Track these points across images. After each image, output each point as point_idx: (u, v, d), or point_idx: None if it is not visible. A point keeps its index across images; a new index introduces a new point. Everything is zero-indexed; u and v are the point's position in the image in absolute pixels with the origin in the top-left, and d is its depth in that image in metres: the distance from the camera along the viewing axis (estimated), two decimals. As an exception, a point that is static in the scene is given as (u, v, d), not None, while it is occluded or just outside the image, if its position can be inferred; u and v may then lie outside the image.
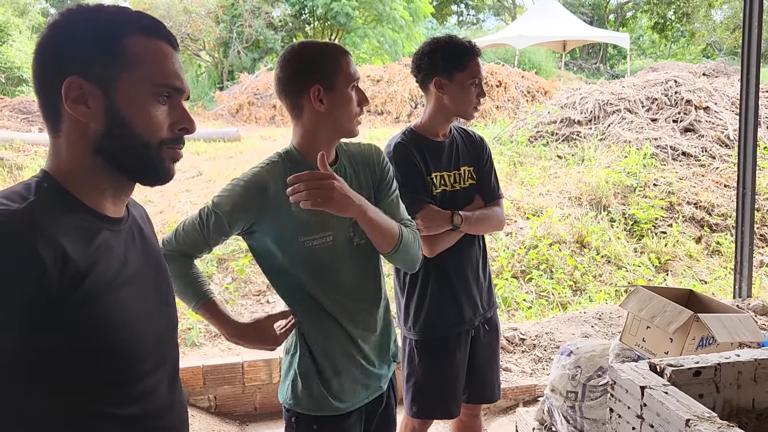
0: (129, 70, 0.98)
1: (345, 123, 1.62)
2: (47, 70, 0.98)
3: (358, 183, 1.68)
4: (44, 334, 0.89)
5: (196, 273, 1.68)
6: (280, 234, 1.58)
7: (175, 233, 1.66)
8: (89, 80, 0.96)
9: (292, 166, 1.58)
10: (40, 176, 1.00)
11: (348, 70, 1.60)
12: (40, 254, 0.88)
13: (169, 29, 1.06)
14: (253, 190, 1.55)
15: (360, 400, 1.71)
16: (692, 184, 6.64)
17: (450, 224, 2.05)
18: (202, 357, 3.38)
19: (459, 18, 36.19)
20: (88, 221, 0.99)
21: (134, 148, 1.00)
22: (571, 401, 2.46)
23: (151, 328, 1.07)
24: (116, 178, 1.03)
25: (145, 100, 1.00)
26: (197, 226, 1.62)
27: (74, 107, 0.96)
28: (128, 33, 0.99)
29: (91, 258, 0.96)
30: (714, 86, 8.64)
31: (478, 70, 2.08)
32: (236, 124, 12.41)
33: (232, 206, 1.57)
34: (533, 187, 6.72)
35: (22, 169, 7.44)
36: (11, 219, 0.89)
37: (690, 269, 5.42)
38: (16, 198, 0.93)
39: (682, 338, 2.10)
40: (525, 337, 3.80)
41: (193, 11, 17.25)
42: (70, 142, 0.99)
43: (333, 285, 1.63)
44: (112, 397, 1.01)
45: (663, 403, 1.47)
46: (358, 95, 1.63)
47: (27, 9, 20.17)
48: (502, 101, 12.93)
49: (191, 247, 1.65)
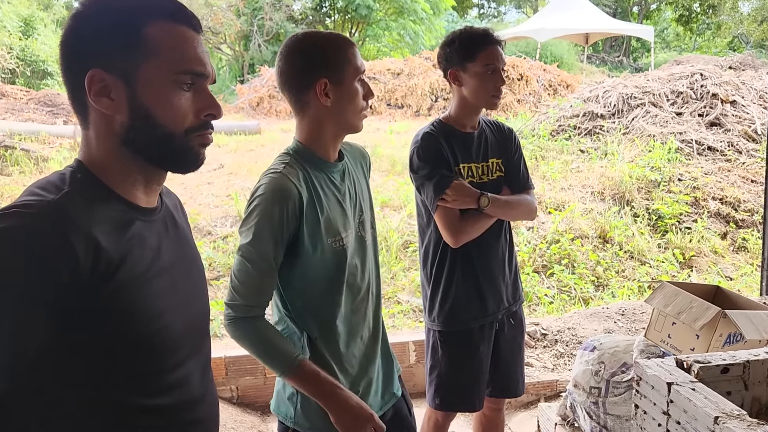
0: (149, 59, 0.96)
1: (351, 118, 1.54)
2: (71, 63, 0.97)
3: (358, 180, 1.65)
4: (77, 326, 0.90)
5: (277, 331, 1.52)
6: (312, 236, 1.48)
7: (236, 292, 1.47)
8: (111, 72, 0.95)
9: (305, 163, 1.51)
10: (74, 166, 1.00)
11: (355, 61, 1.51)
12: (74, 246, 0.88)
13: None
14: (279, 200, 1.43)
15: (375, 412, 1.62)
16: (718, 179, 6.53)
17: (476, 203, 2.03)
18: (225, 348, 3.41)
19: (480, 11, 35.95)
20: (121, 212, 0.99)
21: (159, 139, 0.99)
22: (594, 397, 2.44)
23: (183, 319, 1.06)
24: (146, 168, 1.02)
25: (168, 89, 0.97)
26: (253, 270, 1.44)
27: (98, 100, 0.95)
28: (148, 20, 0.96)
29: (124, 249, 0.96)
30: (741, 79, 8.48)
31: (492, 58, 2.04)
32: (257, 117, 12.48)
33: (273, 226, 1.43)
34: (555, 181, 6.66)
35: (48, 161, 7.56)
36: (46, 211, 0.89)
37: (715, 265, 5.34)
38: (51, 189, 0.93)
39: (708, 335, 2.08)
40: (546, 332, 3.77)
41: (214, 4, 17.34)
42: (99, 134, 0.99)
43: (351, 284, 1.57)
44: (144, 387, 1.01)
45: (690, 399, 1.45)
46: (364, 88, 1.54)
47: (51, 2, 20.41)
48: (523, 95, 12.84)
49: (264, 292, 1.48)
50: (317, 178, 1.51)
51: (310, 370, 1.46)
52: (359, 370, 1.60)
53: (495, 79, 2.05)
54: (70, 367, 0.92)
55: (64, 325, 0.88)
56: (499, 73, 2.06)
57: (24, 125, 9.12)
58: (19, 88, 12.58)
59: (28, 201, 0.90)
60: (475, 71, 2.03)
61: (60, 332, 0.88)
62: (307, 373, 1.46)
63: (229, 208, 5.98)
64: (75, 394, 0.94)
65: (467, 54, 2.04)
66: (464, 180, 2.08)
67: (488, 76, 2.04)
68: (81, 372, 0.93)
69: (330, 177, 1.55)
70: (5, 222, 0.86)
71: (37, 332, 0.87)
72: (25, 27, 15.53)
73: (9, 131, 8.39)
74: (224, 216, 5.81)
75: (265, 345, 1.47)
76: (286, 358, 1.46)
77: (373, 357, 1.65)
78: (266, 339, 1.47)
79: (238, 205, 5.83)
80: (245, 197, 5.97)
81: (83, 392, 0.94)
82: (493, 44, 2.05)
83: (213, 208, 6.02)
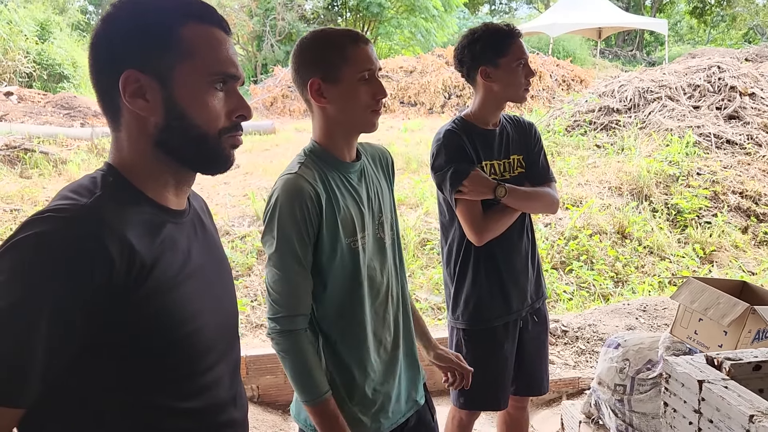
0: (185, 59, 0.96)
1: (355, 117, 1.48)
2: (103, 65, 0.97)
3: (378, 182, 1.63)
4: (111, 329, 0.90)
5: (317, 357, 1.49)
6: (331, 236, 1.46)
7: (276, 304, 1.45)
8: (146, 73, 0.95)
9: (321, 163, 1.50)
10: (105, 169, 1.00)
11: (356, 59, 1.44)
12: (109, 250, 0.88)
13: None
14: (297, 199, 1.42)
15: (396, 419, 1.61)
16: (737, 173, 6.45)
17: (492, 193, 2.02)
18: (245, 347, 3.42)
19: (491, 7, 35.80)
20: (153, 214, 0.99)
21: (194, 140, 0.99)
22: (619, 394, 2.42)
23: (213, 322, 1.06)
24: (178, 169, 1.02)
25: (203, 89, 0.97)
26: (287, 276, 1.43)
27: (133, 101, 0.95)
28: (182, 21, 0.97)
29: (157, 252, 0.96)
30: (759, 71, 8.36)
31: (521, 51, 2.04)
32: (271, 117, 12.52)
33: (296, 225, 1.41)
34: (572, 177, 6.61)
35: (66, 164, 7.62)
36: (80, 214, 0.89)
37: (736, 260, 5.28)
38: (83, 192, 0.93)
39: (737, 331, 2.05)
40: (567, 328, 3.75)
41: (227, 5, 17.41)
42: (131, 136, 0.99)
43: (370, 287, 1.54)
44: (175, 390, 1.01)
45: (723, 398, 1.43)
46: (373, 87, 1.46)
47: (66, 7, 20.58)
48: (537, 90, 12.78)
49: (303, 298, 1.46)
50: (333, 178, 1.50)
51: (333, 410, 1.45)
52: (380, 375, 1.57)
53: (526, 72, 2.05)
54: (102, 369, 0.92)
55: (98, 329, 0.89)
56: (529, 66, 2.07)
57: (42, 128, 9.22)
58: (37, 91, 12.69)
59: (62, 205, 0.90)
60: (508, 65, 2.03)
61: (94, 335, 0.89)
62: (329, 412, 1.45)
63: (246, 208, 6.00)
64: (106, 397, 0.94)
65: (498, 49, 2.03)
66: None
67: (520, 70, 2.04)
68: (113, 375, 0.93)
69: (346, 177, 1.53)
70: (40, 227, 0.86)
71: (72, 336, 0.87)
72: (41, 31, 15.68)
73: (28, 134, 8.49)
74: (241, 216, 5.83)
75: (303, 367, 1.45)
76: (317, 388, 1.44)
77: (394, 362, 1.61)
78: (307, 361, 1.45)
79: (255, 205, 5.85)
80: (261, 197, 5.99)
81: (114, 395, 0.94)
82: (519, 37, 2.05)
83: (230, 208, 6.04)
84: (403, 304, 1.65)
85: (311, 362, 1.45)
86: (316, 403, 1.45)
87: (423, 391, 1.73)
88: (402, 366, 1.64)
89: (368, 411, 1.55)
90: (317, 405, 1.45)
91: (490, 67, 2.04)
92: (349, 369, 1.52)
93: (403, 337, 1.64)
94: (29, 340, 0.84)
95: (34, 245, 0.85)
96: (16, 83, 13.58)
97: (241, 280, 4.67)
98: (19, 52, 14.30)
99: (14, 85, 13.18)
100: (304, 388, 1.45)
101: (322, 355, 1.52)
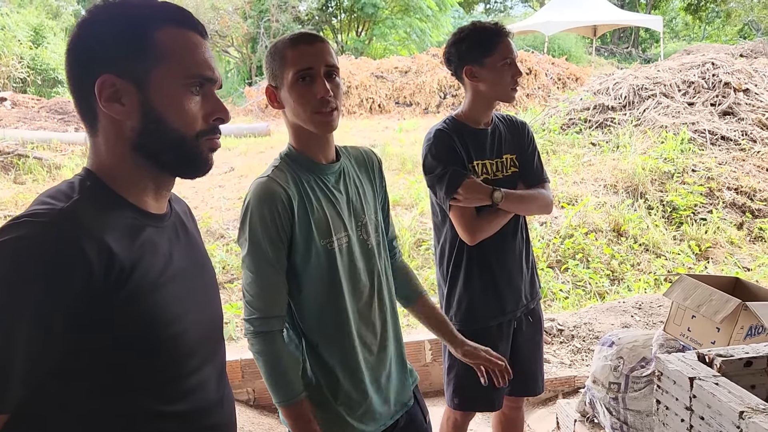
0: (160, 63, 0.96)
1: (304, 122, 1.47)
2: (80, 70, 0.97)
3: (360, 183, 1.62)
4: (93, 333, 0.90)
5: (292, 358, 1.51)
6: (304, 238, 1.46)
7: (251, 306, 1.46)
8: (122, 77, 0.95)
9: (295, 165, 1.51)
10: (83, 174, 1.00)
11: (294, 62, 1.43)
12: (87, 253, 0.88)
13: None
14: (267, 202, 1.43)
15: (384, 422, 1.61)
16: (732, 169, 6.46)
17: (489, 199, 2.02)
18: (240, 350, 3.41)
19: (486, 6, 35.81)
20: (132, 218, 0.99)
21: (171, 143, 0.99)
22: (613, 392, 2.42)
23: (198, 324, 1.06)
24: (156, 173, 1.02)
25: (179, 93, 0.98)
26: (260, 278, 1.45)
27: (109, 106, 0.96)
28: (158, 25, 0.97)
29: (136, 255, 0.95)
30: (754, 67, 8.37)
31: (508, 50, 2.03)
32: (266, 119, 12.49)
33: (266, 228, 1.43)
34: (567, 175, 6.61)
35: (60, 168, 7.61)
36: (57, 219, 0.89)
37: (732, 256, 5.28)
38: (60, 197, 0.93)
39: (729, 327, 2.05)
40: (563, 327, 3.75)
41: (220, 8, 17.38)
42: (108, 141, 0.99)
43: (352, 289, 1.53)
44: (161, 394, 1.01)
45: (714, 394, 1.43)
46: (315, 88, 1.43)
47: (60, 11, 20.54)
48: (532, 89, 12.77)
49: (277, 299, 1.47)
50: (307, 180, 1.50)
51: (305, 413, 1.46)
52: (366, 377, 1.56)
53: (513, 71, 2.04)
54: (85, 373, 0.92)
55: (79, 333, 0.88)
56: (516, 65, 2.05)
57: (36, 133, 9.18)
58: (31, 96, 12.68)
59: (38, 210, 0.90)
60: (494, 64, 2.02)
61: (76, 339, 0.88)
62: (302, 414, 1.46)
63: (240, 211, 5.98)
64: (92, 401, 0.93)
65: (484, 49, 2.02)
66: (477, 177, 2.06)
67: (506, 69, 2.03)
68: (96, 378, 0.93)
69: (322, 179, 1.53)
70: (17, 231, 0.86)
71: (53, 340, 0.87)
72: (35, 36, 15.66)
73: (22, 140, 8.46)
74: (236, 219, 5.81)
75: (277, 368, 1.46)
76: (290, 389, 1.46)
77: (381, 364, 1.60)
78: (280, 362, 1.46)
79: (249, 208, 5.83)
80: (257, 199, 5.96)
81: (98, 399, 0.94)
82: (506, 36, 2.04)
83: (225, 211, 6.03)
84: (391, 307, 1.64)
85: (285, 363, 1.46)
86: (288, 405, 1.46)
87: (411, 395, 1.71)
88: (391, 367, 1.63)
89: (354, 412, 1.54)
90: (290, 406, 1.46)
91: (476, 66, 2.04)
92: (333, 370, 1.52)
93: (391, 339, 1.63)
94: (9, 345, 0.84)
95: (12, 251, 0.85)
96: (10, 89, 13.57)
97: (236, 283, 4.66)
98: (13, 57, 14.28)
99: (8, 90, 13.16)
100: (277, 388, 1.46)
101: (306, 356, 1.52)
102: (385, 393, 1.61)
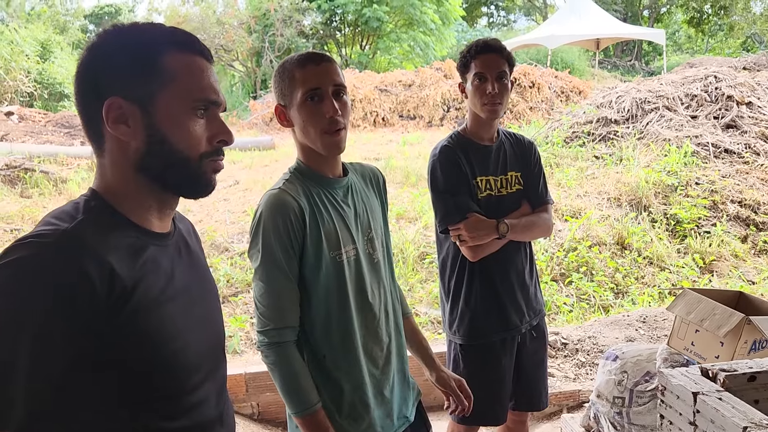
0: (167, 86, 0.99)
1: (313, 142, 1.49)
2: (88, 93, 1.00)
3: (367, 199, 1.64)
4: (96, 352, 0.91)
5: (306, 369, 1.50)
6: (315, 249, 1.48)
7: (264, 317, 1.47)
8: (129, 100, 0.98)
9: (305, 179, 1.53)
10: (88, 195, 1.03)
11: (303, 81, 1.46)
12: (89, 274, 0.89)
13: (203, 41, 1.06)
14: (281, 213, 1.45)
15: None
16: (736, 182, 6.46)
17: (496, 233, 2.04)
18: (245, 364, 3.42)
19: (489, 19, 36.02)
20: (135, 238, 1.01)
21: (175, 164, 1.01)
22: (618, 407, 2.41)
23: (199, 342, 1.08)
24: (160, 194, 1.05)
25: (184, 115, 1.00)
26: (272, 288, 1.45)
27: (115, 127, 0.98)
28: (164, 50, 1.00)
29: (138, 274, 0.97)
30: (756, 80, 8.39)
31: (481, 66, 2.04)
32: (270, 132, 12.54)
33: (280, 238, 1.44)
34: (570, 188, 6.62)
35: (67, 182, 7.65)
36: (61, 240, 0.91)
37: (736, 269, 5.27)
38: (65, 218, 0.95)
39: (733, 342, 2.05)
40: (567, 341, 3.74)
41: (226, 22, 17.53)
42: (114, 161, 1.01)
43: (360, 303, 1.54)
44: (163, 410, 1.02)
45: (717, 409, 1.43)
46: (324, 107, 1.46)
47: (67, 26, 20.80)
48: (535, 102, 12.80)
49: (290, 309, 1.47)
50: (317, 193, 1.53)
51: (323, 421, 1.46)
52: (370, 390, 1.57)
53: (484, 87, 2.04)
54: (87, 392, 0.92)
55: (82, 352, 0.89)
56: (489, 81, 2.03)
57: (42, 147, 9.25)
58: (37, 110, 12.77)
59: (43, 231, 0.92)
60: (472, 81, 2.06)
61: (79, 359, 0.89)
62: (319, 423, 1.45)
63: (245, 224, 6.01)
64: (94, 419, 0.94)
65: (464, 65, 2.09)
66: (480, 193, 2.08)
67: (479, 85, 2.04)
68: (98, 396, 0.94)
69: (331, 192, 1.55)
70: (21, 252, 0.88)
71: (56, 360, 0.88)
72: (42, 50, 15.81)
73: (28, 154, 8.52)
74: (241, 232, 5.84)
75: (292, 378, 1.46)
76: (306, 399, 1.45)
77: (385, 378, 1.61)
78: (295, 372, 1.46)
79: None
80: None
81: (101, 416, 0.95)
82: (483, 52, 2.05)
83: (230, 225, 6.05)
84: (395, 321, 1.66)
85: (300, 374, 1.46)
86: (305, 415, 1.45)
87: (413, 410, 1.72)
88: (394, 382, 1.64)
89: (357, 426, 1.55)
90: (306, 416, 1.45)
91: (465, 83, 2.10)
92: (338, 383, 1.53)
93: (394, 353, 1.64)
94: (13, 363, 0.85)
95: (15, 271, 0.87)
96: (17, 103, 13.67)
97: (241, 296, 4.67)
98: (21, 71, 14.41)
99: (15, 104, 13.26)
100: (293, 399, 1.46)
101: (310, 368, 1.53)
102: (389, 407, 1.62)
